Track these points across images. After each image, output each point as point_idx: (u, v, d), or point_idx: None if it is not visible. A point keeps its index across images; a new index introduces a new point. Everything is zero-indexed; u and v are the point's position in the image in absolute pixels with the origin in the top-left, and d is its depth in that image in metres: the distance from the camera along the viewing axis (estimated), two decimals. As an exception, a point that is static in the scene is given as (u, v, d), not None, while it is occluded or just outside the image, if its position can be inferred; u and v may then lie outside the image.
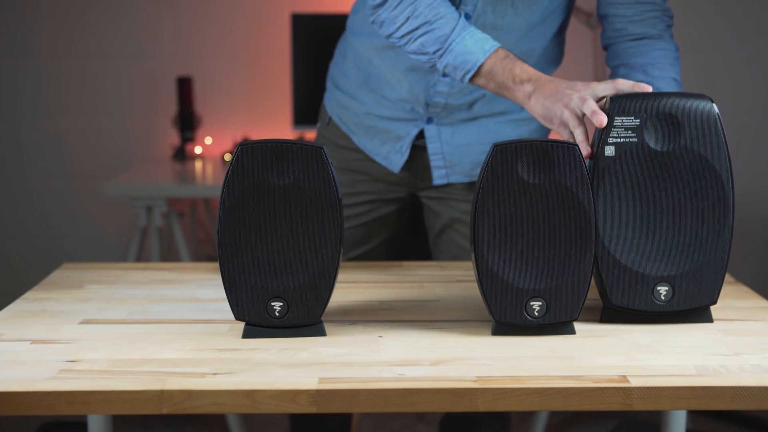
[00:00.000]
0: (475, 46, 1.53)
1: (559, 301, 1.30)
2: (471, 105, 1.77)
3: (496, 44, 1.54)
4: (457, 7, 1.64)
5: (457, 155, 1.81)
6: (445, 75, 1.70)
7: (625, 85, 1.40)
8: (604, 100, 1.38)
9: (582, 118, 1.41)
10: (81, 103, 3.47)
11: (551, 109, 1.45)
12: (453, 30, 1.55)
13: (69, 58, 3.45)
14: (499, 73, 1.52)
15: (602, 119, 1.34)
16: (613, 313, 1.38)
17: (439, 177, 1.82)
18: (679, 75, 1.66)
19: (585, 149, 1.36)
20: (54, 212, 3.53)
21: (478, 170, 1.68)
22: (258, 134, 3.48)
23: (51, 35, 3.44)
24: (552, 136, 1.68)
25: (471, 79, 1.55)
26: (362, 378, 1.15)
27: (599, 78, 3.29)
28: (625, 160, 1.34)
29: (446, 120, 1.79)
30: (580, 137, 1.39)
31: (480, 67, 1.53)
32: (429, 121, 1.79)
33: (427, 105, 1.77)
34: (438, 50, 1.56)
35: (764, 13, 3.36)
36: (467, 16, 1.66)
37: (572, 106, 1.41)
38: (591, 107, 1.37)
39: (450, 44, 1.55)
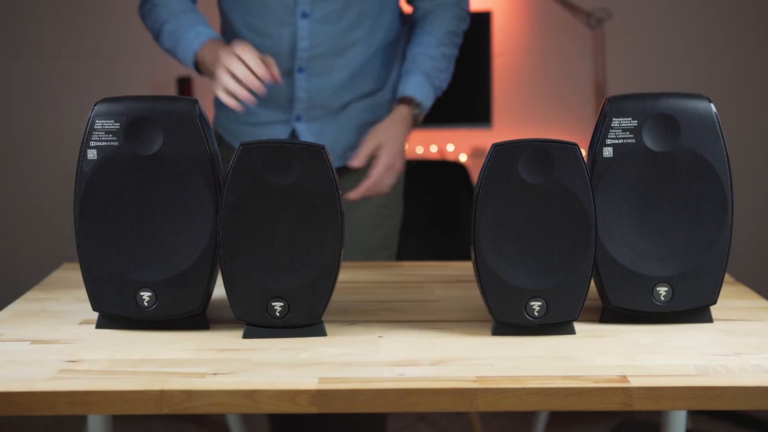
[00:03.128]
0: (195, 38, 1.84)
1: (559, 301, 1.30)
2: (344, 106, 1.91)
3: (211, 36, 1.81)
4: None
5: (329, 147, 1.88)
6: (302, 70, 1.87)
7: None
8: (603, 101, 1.38)
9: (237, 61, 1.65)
10: (81, 103, 3.47)
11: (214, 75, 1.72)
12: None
13: (68, 58, 3.45)
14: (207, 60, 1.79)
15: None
16: (613, 314, 1.38)
17: None
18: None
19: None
20: (54, 212, 3.53)
21: (350, 153, 1.86)
22: (258, 134, 3.48)
23: (50, 35, 3.44)
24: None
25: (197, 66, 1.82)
26: (362, 378, 1.15)
27: (599, 79, 3.29)
28: (623, 161, 1.34)
29: (313, 115, 1.87)
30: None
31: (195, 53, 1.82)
32: (298, 119, 1.88)
33: (292, 102, 1.86)
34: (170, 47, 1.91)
35: (763, 13, 3.36)
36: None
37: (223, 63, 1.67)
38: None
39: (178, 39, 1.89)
